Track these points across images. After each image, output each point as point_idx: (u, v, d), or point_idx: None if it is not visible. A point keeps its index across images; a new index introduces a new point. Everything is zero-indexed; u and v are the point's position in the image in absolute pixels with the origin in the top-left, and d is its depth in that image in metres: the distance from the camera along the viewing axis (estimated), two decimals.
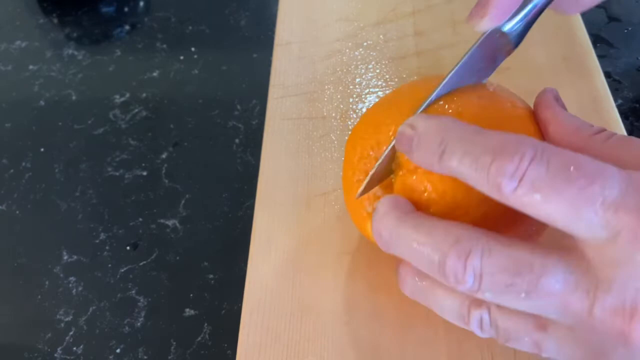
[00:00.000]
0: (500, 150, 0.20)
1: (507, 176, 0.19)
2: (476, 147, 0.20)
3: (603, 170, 0.19)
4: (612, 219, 0.18)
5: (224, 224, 0.38)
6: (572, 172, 0.19)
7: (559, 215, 0.19)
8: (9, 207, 0.41)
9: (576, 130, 0.24)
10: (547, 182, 0.19)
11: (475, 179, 0.20)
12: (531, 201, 0.19)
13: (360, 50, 0.43)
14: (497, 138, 0.20)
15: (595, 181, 0.18)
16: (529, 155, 0.19)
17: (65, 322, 0.35)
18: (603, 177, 0.18)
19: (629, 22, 0.46)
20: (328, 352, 0.29)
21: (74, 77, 0.48)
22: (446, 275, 0.21)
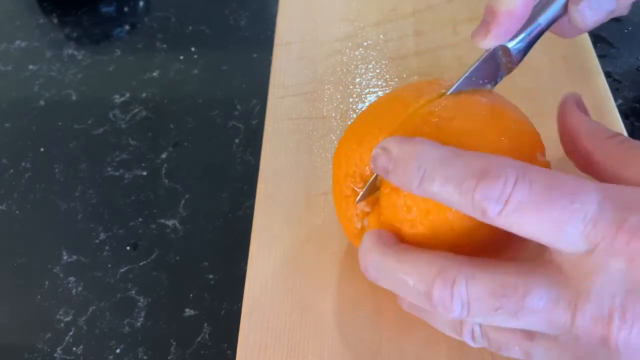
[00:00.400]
0: (483, 174, 0.20)
1: (493, 200, 0.20)
2: (458, 172, 0.21)
3: (582, 187, 0.20)
4: (591, 233, 0.19)
5: (224, 224, 0.38)
6: (554, 192, 0.19)
7: (543, 233, 0.20)
8: (9, 207, 0.41)
9: (590, 132, 0.25)
10: (531, 204, 0.19)
11: (459, 203, 0.21)
12: (516, 222, 0.20)
13: (360, 50, 0.43)
14: (478, 161, 0.21)
15: (576, 199, 0.19)
16: (512, 177, 0.20)
17: (65, 322, 0.35)
18: (582, 194, 0.19)
19: (629, 22, 0.46)
20: (328, 352, 0.29)
21: (74, 77, 0.48)
22: (434, 305, 0.21)
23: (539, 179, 0.20)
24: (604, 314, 0.19)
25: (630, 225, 0.19)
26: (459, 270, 0.21)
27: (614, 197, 0.19)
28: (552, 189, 0.19)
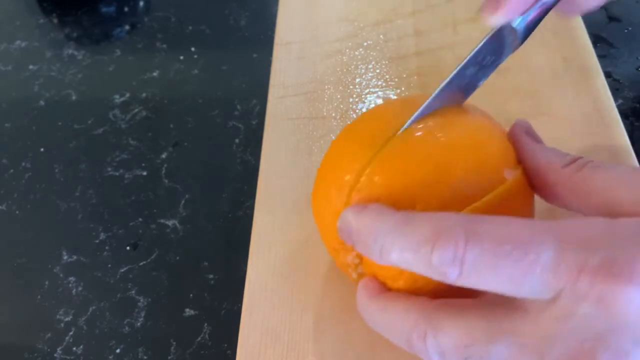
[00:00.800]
0: (435, 238, 0.20)
1: (449, 264, 0.20)
2: (411, 240, 0.21)
3: (535, 235, 0.19)
4: (552, 280, 0.18)
5: (224, 224, 0.38)
6: (506, 246, 0.19)
7: (505, 288, 0.19)
8: (9, 207, 0.41)
9: (547, 164, 0.24)
10: (485, 263, 0.19)
11: (420, 269, 0.21)
12: (477, 281, 0.20)
13: (360, 50, 0.43)
14: (428, 225, 0.21)
15: (530, 250, 0.19)
16: (462, 239, 0.20)
17: (65, 322, 0.35)
18: (536, 243, 0.19)
19: (629, 22, 0.46)
20: (328, 352, 0.29)
21: (73, 77, 0.48)
22: (416, 352, 0.22)
23: (490, 234, 0.19)
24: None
25: (591, 266, 0.18)
26: (429, 323, 0.21)
27: (571, 238, 0.19)
28: (504, 242, 0.19)
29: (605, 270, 0.18)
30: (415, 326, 0.21)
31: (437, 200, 0.23)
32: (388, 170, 0.24)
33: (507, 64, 0.28)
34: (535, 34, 0.40)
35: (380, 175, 0.24)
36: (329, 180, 0.27)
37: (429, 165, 0.24)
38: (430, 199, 0.23)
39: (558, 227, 0.19)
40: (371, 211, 0.23)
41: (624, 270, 0.17)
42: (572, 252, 0.18)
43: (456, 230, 0.20)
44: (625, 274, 0.17)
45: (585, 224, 0.19)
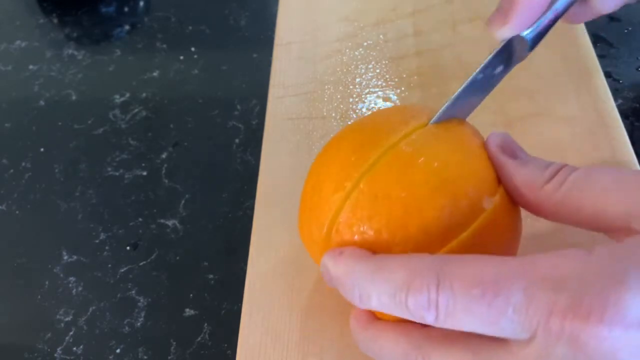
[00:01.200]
0: (408, 284, 0.20)
1: (424, 309, 0.20)
2: (387, 286, 0.21)
3: (504, 277, 0.19)
4: (525, 321, 0.18)
5: (224, 224, 0.38)
6: (475, 290, 0.19)
7: (482, 329, 0.19)
8: (9, 207, 0.41)
9: (526, 185, 0.23)
10: (457, 307, 0.19)
11: (400, 313, 0.21)
12: (454, 323, 0.20)
13: (360, 50, 0.43)
14: (400, 271, 0.21)
15: (499, 292, 0.19)
16: (433, 284, 0.20)
17: (65, 322, 0.35)
18: (505, 286, 0.19)
19: (629, 22, 0.46)
20: (328, 352, 0.29)
21: (74, 77, 0.48)
22: None
23: (459, 277, 0.19)
24: None
25: (560, 307, 0.18)
26: (419, 352, 0.21)
27: (540, 277, 0.18)
28: (473, 286, 0.19)
29: (573, 311, 0.17)
30: (405, 355, 0.22)
31: (412, 243, 0.23)
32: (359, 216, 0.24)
33: None
34: None
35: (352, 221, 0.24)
36: (309, 218, 0.26)
37: (397, 209, 0.23)
38: (405, 241, 0.23)
39: (528, 266, 0.19)
40: (346, 258, 0.23)
41: (593, 311, 0.17)
42: (541, 293, 0.18)
43: (428, 275, 0.20)
44: (594, 314, 0.17)
45: (555, 261, 0.19)
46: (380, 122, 0.26)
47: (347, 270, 0.23)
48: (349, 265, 0.23)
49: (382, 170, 0.24)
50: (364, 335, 0.24)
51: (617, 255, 0.19)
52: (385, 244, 0.23)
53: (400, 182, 0.24)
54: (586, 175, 0.22)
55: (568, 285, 0.18)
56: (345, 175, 0.25)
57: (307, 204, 0.27)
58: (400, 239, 0.23)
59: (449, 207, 0.23)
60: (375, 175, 0.24)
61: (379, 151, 0.24)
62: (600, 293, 0.17)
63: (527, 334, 0.19)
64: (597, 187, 0.22)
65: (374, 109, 0.39)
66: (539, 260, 0.19)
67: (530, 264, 0.19)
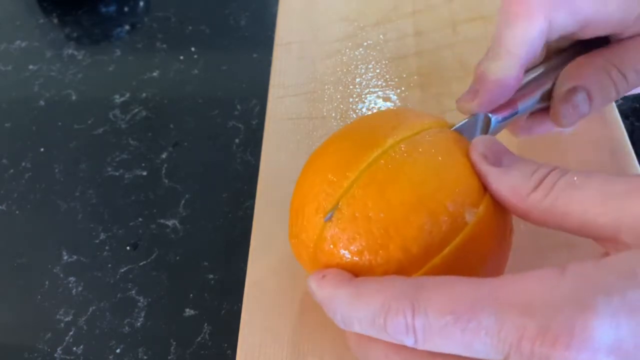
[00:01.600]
0: (385, 310, 0.20)
1: (403, 334, 0.20)
2: (365, 313, 0.21)
3: (476, 302, 0.19)
4: (498, 344, 0.19)
5: (224, 224, 0.38)
6: (448, 316, 0.19)
7: (459, 351, 0.20)
8: (9, 207, 0.41)
9: (513, 193, 0.23)
10: (433, 331, 0.20)
11: (383, 337, 0.21)
12: (433, 346, 0.20)
13: (360, 50, 0.43)
14: (377, 297, 0.21)
15: (472, 317, 0.19)
16: (409, 309, 0.20)
17: (65, 322, 0.35)
18: (476, 310, 0.19)
19: None
20: (328, 352, 0.29)
21: (74, 77, 0.48)
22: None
23: (433, 303, 0.20)
24: None
25: (529, 333, 0.18)
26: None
27: (511, 302, 0.19)
28: (446, 312, 0.19)
29: (542, 336, 0.18)
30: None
31: (394, 263, 0.23)
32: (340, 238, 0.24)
33: None
34: None
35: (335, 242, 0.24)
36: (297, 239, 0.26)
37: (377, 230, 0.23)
38: (387, 262, 0.23)
39: (499, 290, 0.19)
40: (328, 282, 0.23)
41: (560, 337, 0.17)
42: (511, 318, 0.18)
43: (402, 301, 0.20)
44: (561, 340, 0.17)
45: (525, 285, 0.19)
46: (358, 137, 0.26)
47: (329, 295, 0.23)
48: (330, 289, 0.23)
49: (360, 191, 0.24)
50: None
51: (588, 278, 0.18)
52: (367, 264, 0.23)
53: (377, 203, 0.23)
54: (574, 181, 0.22)
55: (537, 310, 0.18)
56: (325, 196, 0.25)
57: (294, 223, 0.27)
58: (382, 260, 0.23)
59: (428, 225, 0.23)
60: (354, 196, 0.24)
61: (357, 170, 0.24)
62: (567, 319, 0.18)
63: (500, 356, 0.19)
64: (585, 196, 0.21)
65: (374, 109, 0.39)
66: (511, 284, 0.19)
67: (501, 288, 0.19)
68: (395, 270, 0.23)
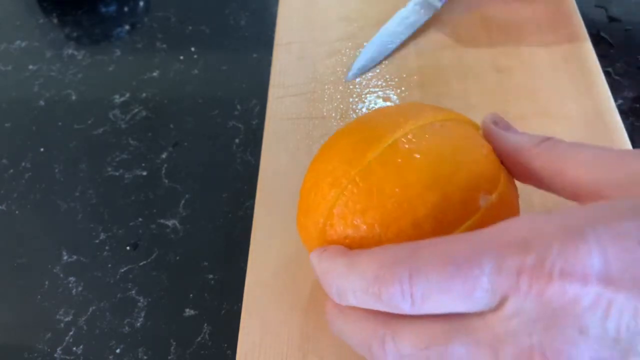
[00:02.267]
0: (379, 280, 0.21)
1: (399, 300, 0.20)
2: (360, 283, 0.22)
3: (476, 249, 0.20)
4: (498, 288, 0.19)
5: (224, 224, 0.38)
6: (449, 268, 0.20)
7: (457, 306, 0.20)
8: (9, 207, 0.41)
9: (518, 145, 0.26)
10: (434, 290, 0.20)
11: (376, 306, 0.22)
12: (431, 307, 0.20)
13: (360, 50, 0.43)
14: (370, 267, 0.21)
15: (473, 265, 0.19)
16: (406, 276, 0.20)
17: (65, 322, 0.35)
18: (477, 257, 0.19)
19: (629, 22, 0.46)
20: (328, 352, 0.29)
21: (73, 77, 0.48)
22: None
23: (432, 262, 0.20)
24: (524, 355, 0.19)
25: (527, 267, 0.19)
26: (387, 327, 0.22)
27: (510, 242, 0.19)
28: (447, 265, 0.20)
29: (538, 269, 0.19)
30: (374, 332, 0.22)
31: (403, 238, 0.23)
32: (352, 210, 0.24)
33: (508, 63, 0.28)
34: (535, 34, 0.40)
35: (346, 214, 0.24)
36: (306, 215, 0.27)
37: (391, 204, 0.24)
38: (397, 236, 0.24)
39: (498, 233, 0.20)
40: (327, 255, 0.24)
41: (554, 267, 0.18)
42: (510, 257, 0.19)
43: (398, 268, 0.20)
44: (555, 270, 0.18)
45: (520, 225, 0.20)
46: (379, 121, 0.27)
47: (327, 268, 0.23)
48: (328, 262, 0.23)
49: (378, 167, 0.24)
50: (337, 318, 0.24)
51: (575, 214, 0.20)
52: (377, 238, 0.24)
53: (394, 179, 0.24)
54: (571, 146, 0.24)
55: (532, 246, 0.19)
56: (342, 172, 0.25)
57: (305, 201, 0.27)
58: (392, 234, 0.24)
59: (442, 205, 0.23)
60: (371, 171, 0.24)
61: (377, 149, 0.25)
62: (559, 250, 0.19)
63: (498, 300, 0.19)
64: (580, 157, 0.24)
65: (373, 109, 0.39)
66: (506, 227, 0.20)
67: (498, 232, 0.20)
68: None
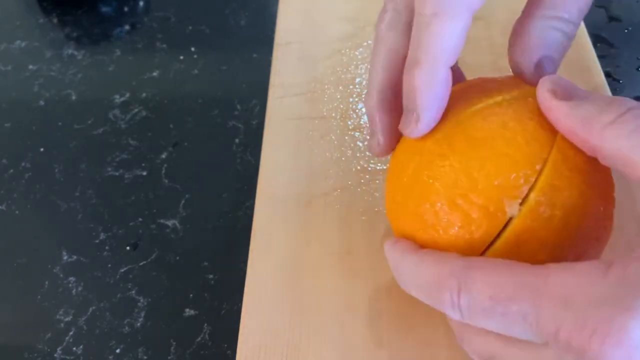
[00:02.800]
0: (435, 285, 0.22)
1: (449, 308, 0.22)
2: (421, 282, 0.23)
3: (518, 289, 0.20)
4: (536, 331, 0.19)
5: (224, 224, 0.38)
6: (489, 303, 0.20)
7: (499, 330, 0.21)
8: (9, 207, 0.41)
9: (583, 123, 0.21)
10: (477, 312, 0.21)
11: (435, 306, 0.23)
12: (476, 323, 0.21)
13: (360, 50, 0.43)
14: (431, 271, 0.23)
15: (511, 305, 0.20)
16: (455, 288, 0.21)
17: (65, 322, 0.35)
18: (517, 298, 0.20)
19: (629, 22, 0.46)
20: (328, 352, 0.29)
21: (73, 77, 0.48)
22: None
23: (478, 285, 0.21)
24: None
25: (566, 327, 0.18)
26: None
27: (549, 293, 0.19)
28: (489, 297, 0.20)
29: (578, 330, 0.18)
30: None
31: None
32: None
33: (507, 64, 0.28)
34: None
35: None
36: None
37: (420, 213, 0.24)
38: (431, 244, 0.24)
39: (542, 280, 0.20)
40: (397, 248, 0.25)
41: (596, 333, 0.18)
42: (549, 310, 0.19)
43: (451, 280, 0.21)
44: (597, 336, 0.18)
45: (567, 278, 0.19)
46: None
47: (396, 260, 0.25)
48: (397, 257, 0.25)
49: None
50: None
51: (631, 279, 0.19)
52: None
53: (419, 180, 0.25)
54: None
55: (575, 305, 0.19)
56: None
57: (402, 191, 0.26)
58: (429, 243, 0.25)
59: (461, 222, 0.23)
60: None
61: None
62: (605, 317, 0.18)
63: (539, 340, 0.20)
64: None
65: None
66: (553, 275, 0.20)
67: (543, 278, 0.20)
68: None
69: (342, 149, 0.37)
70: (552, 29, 0.26)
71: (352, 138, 0.38)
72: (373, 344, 0.29)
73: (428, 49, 0.24)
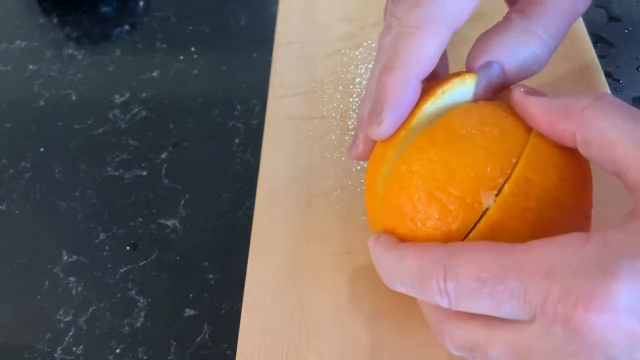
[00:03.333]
0: (420, 276, 0.22)
1: (437, 296, 0.22)
2: (404, 275, 0.23)
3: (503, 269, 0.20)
4: (524, 306, 0.20)
5: (224, 224, 0.38)
6: (478, 281, 0.21)
7: (489, 312, 0.21)
8: (9, 207, 0.41)
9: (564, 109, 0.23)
10: (464, 294, 0.21)
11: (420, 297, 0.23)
12: (466, 307, 0.22)
13: (360, 50, 0.43)
14: (415, 262, 0.23)
15: (498, 284, 0.20)
16: (441, 275, 0.22)
17: (65, 322, 0.35)
18: (503, 276, 0.20)
19: (629, 22, 0.46)
20: (328, 352, 0.29)
21: (73, 77, 0.48)
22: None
23: (463, 269, 0.21)
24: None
25: (552, 296, 0.19)
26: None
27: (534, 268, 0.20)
28: (475, 278, 0.21)
29: (564, 299, 0.19)
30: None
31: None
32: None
33: None
34: None
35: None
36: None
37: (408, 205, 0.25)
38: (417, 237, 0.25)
39: (525, 256, 0.20)
40: (379, 244, 0.26)
41: (580, 300, 0.18)
42: (535, 283, 0.19)
43: (436, 268, 0.22)
44: (582, 303, 0.18)
45: (550, 251, 0.20)
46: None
47: (378, 256, 0.25)
48: (379, 250, 0.25)
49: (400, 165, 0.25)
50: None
51: (612, 246, 0.19)
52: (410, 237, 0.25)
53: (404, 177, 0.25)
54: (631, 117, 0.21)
55: (559, 275, 0.19)
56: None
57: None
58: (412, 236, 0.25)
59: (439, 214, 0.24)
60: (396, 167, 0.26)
61: None
62: (588, 283, 0.19)
63: (527, 316, 0.20)
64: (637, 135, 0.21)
65: None
66: (535, 250, 0.20)
67: (526, 254, 0.20)
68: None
69: (342, 149, 0.37)
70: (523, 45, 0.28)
71: (352, 138, 0.38)
72: (373, 344, 0.29)
73: (404, 57, 0.25)
